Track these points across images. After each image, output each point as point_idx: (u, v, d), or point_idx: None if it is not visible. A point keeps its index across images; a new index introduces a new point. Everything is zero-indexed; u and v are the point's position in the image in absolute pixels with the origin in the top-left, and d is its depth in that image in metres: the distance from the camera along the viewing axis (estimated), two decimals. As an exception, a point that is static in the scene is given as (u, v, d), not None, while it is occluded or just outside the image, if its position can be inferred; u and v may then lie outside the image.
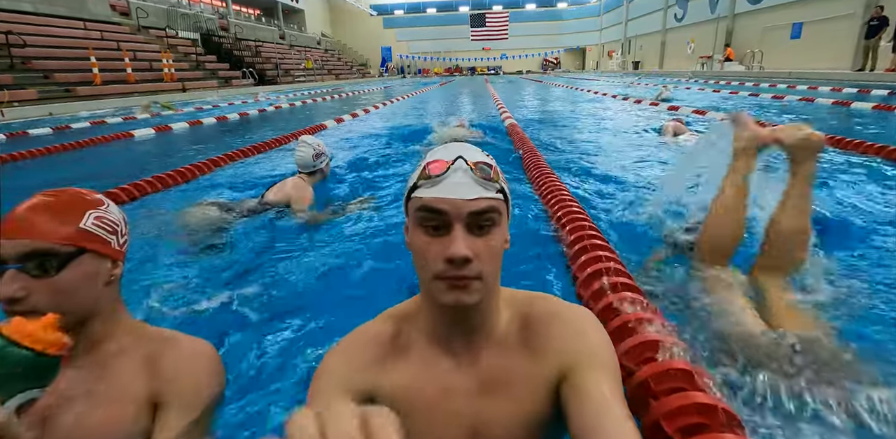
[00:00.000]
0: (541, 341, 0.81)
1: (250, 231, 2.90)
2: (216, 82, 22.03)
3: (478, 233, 0.74)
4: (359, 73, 43.87)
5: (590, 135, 6.39)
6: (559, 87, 19.53)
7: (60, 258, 0.83)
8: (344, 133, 7.73)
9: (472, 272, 0.72)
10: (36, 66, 14.30)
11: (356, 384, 0.80)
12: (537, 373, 0.79)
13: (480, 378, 0.81)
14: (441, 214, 0.73)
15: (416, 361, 0.83)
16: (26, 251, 0.80)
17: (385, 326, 0.87)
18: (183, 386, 0.92)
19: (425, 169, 0.76)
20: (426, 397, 0.80)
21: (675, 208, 2.66)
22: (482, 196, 0.73)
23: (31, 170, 5.51)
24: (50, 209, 0.84)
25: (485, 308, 0.80)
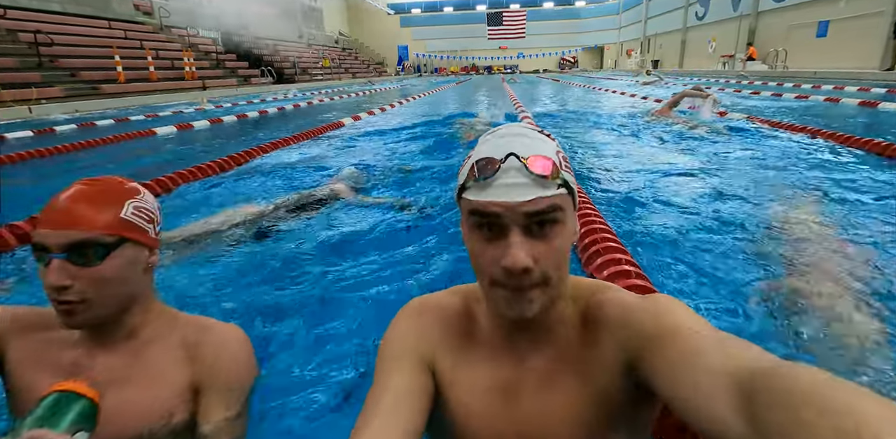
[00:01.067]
0: (602, 327, 0.73)
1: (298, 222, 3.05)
2: (235, 80, 22.33)
3: (539, 234, 0.66)
4: (375, 72, 44.05)
5: (608, 136, 6.33)
6: (577, 87, 19.39)
7: (103, 247, 0.85)
8: (360, 131, 7.79)
9: (535, 280, 0.66)
10: (63, 64, 14.67)
11: (421, 352, 0.79)
12: (602, 368, 0.72)
13: (540, 375, 0.76)
14: (496, 218, 0.65)
15: (480, 349, 0.79)
16: (71, 241, 0.82)
17: (455, 301, 0.84)
18: (222, 372, 0.95)
19: (473, 168, 0.67)
20: (485, 391, 0.76)
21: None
22: (540, 195, 0.64)
23: (57, 167, 5.67)
24: (91, 199, 0.86)
25: (551, 313, 0.74)
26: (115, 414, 0.87)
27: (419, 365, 0.77)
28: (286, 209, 3.25)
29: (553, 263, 0.67)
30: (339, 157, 5.50)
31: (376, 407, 0.70)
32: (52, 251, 0.81)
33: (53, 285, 0.81)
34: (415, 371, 0.76)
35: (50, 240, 0.81)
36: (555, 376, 0.75)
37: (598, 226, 2.39)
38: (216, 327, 1.00)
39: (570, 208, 0.69)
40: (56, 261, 0.81)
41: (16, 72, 12.88)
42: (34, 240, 0.83)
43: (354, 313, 1.89)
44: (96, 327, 0.91)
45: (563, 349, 0.76)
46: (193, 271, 2.36)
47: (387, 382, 0.74)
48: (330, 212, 3.28)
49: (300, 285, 2.20)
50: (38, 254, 0.83)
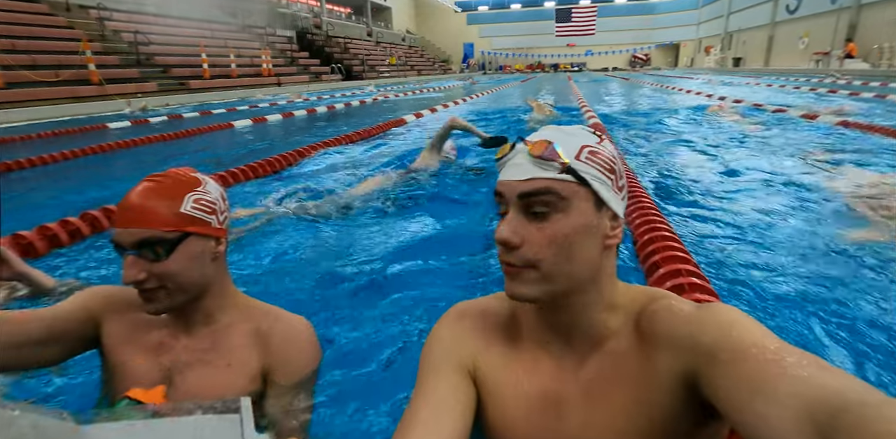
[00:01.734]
0: (657, 339, 0.68)
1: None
2: (307, 77, 23.36)
3: (533, 218, 0.67)
4: (440, 69, 44.45)
5: (682, 140, 6.00)
6: (648, 86, 18.52)
7: (168, 243, 0.89)
8: (422, 127, 7.91)
9: (520, 259, 0.66)
10: (157, 61, 16.02)
11: (462, 358, 0.78)
12: (655, 382, 0.67)
13: (585, 387, 0.73)
14: (501, 197, 0.70)
15: (523, 357, 0.77)
16: (138, 239, 0.87)
17: (500, 306, 0.83)
18: (290, 359, 1.01)
19: (498, 154, 0.75)
20: (528, 400, 0.74)
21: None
22: (536, 176, 0.67)
23: (149, 154, 6.22)
24: (154, 196, 0.90)
25: (571, 307, 0.71)
26: (194, 393, 0.95)
27: (460, 372, 0.76)
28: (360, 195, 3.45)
29: (545, 248, 0.66)
30: (399, 152, 5.63)
31: (416, 416, 0.70)
32: (125, 248, 0.88)
33: (129, 280, 0.88)
34: (456, 378, 0.76)
35: (122, 238, 0.88)
36: (603, 388, 0.71)
37: (664, 233, 2.28)
38: (285, 317, 1.06)
39: (580, 198, 0.67)
40: (130, 257, 0.88)
41: (118, 68, 14.22)
42: (112, 238, 0.90)
43: (419, 301, 1.94)
44: (177, 311, 0.97)
45: (612, 361, 0.72)
46: (266, 254, 2.52)
47: (427, 390, 0.74)
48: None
49: (368, 268, 2.28)
50: (117, 250, 0.90)
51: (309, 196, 3.51)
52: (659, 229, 2.33)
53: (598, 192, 0.68)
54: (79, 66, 12.36)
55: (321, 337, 1.09)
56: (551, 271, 0.67)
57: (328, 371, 1.35)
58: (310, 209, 3.18)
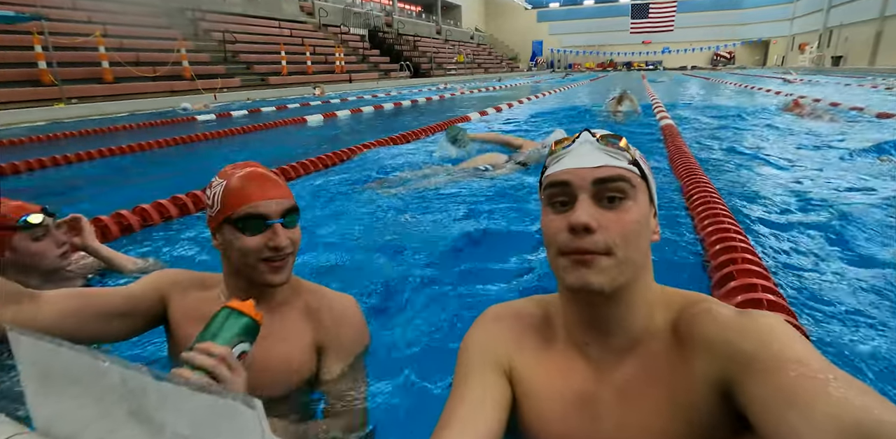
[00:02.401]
0: (694, 343, 0.67)
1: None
2: (377, 74, 24.03)
3: (607, 205, 0.68)
4: (507, 67, 44.09)
5: (760, 145, 5.53)
6: (730, 86, 17.27)
7: (298, 213, 1.03)
8: (487, 124, 7.88)
9: (598, 244, 0.65)
10: (242, 58, 17.14)
11: (498, 358, 0.79)
12: (690, 386, 0.66)
13: (620, 388, 0.72)
14: (565, 186, 0.69)
15: (557, 358, 0.77)
16: (285, 208, 0.98)
17: (533, 308, 0.84)
18: (340, 334, 1.07)
19: (552, 146, 0.76)
20: (562, 401, 0.75)
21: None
22: (609, 164, 0.69)
23: (232, 144, 6.68)
24: (277, 177, 1.02)
25: (623, 300, 0.70)
26: (259, 363, 1.00)
27: (496, 372, 0.78)
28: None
29: (621, 235, 0.66)
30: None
31: (453, 414, 0.72)
32: (271, 218, 0.96)
33: (282, 245, 0.96)
34: (492, 377, 0.77)
35: (271, 209, 0.96)
36: (638, 390, 0.71)
37: (738, 244, 2.11)
38: (333, 295, 1.13)
39: (642, 191, 0.71)
40: (278, 227, 0.96)
41: (207, 65, 15.36)
42: (251, 210, 0.94)
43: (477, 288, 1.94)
44: (240, 292, 1.03)
45: (649, 362, 0.71)
46: (323, 237, 2.62)
47: (464, 389, 0.75)
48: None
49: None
50: (254, 223, 0.95)
51: (368, 187, 3.61)
52: (732, 239, 2.17)
53: (650, 188, 0.73)
54: (174, 63, 13.48)
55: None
56: (626, 258, 0.67)
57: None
58: (371, 197, 3.27)
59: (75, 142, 6.85)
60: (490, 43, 49.92)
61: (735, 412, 0.62)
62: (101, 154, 5.50)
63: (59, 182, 4.67)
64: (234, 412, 0.42)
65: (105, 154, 5.53)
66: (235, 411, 0.42)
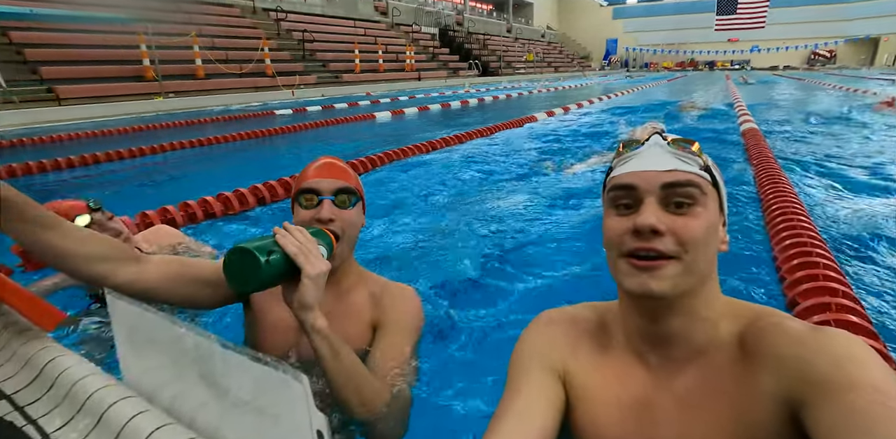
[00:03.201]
0: (763, 358, 0.64)
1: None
2: (445, 73, 24.27)
3: (675, 210, 0.65)
4: (578, 66, 42.88)
5: (857, 155, 4.97)
6: (829, 88, 15.65)
7: (355, 197, 1.12)
8: (553, 126, 7.74)
9: (664, 247, 0.63)
10: (319, 57, 17.97)
11: (551, 361, 0.79)
12: (755, 402, 0.64)
13: (680, 398, 0.70)
14: (631, 190, 0.67)
15: (614, 364, 0.76)
16: (337, 187, 1.10)
17: (589, 314, 0.83)
18: (395, 315, 1.16)
19: (619, 147, 0.73)
20: (618, 408, 0.73)
21: None
22: (679, 168, 0.66)
23: (306, 138, 7.05)
24: (343, 164, 1.16)
25: (686, 308, 0.67)
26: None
27: (549, 374, 0.77)
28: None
29: (690, 241, 0.64)
30: (529, 148, 5.58)
31: (506, 412, 0.71)
32: (322, 194, 1.08)
33: (324, 218, 1.07)
34: (545, 379, 0.76)
35: (323, 186, 1.09)
36: (699, 401, 0.68)
37: (821, 260, 1.93)
38: (393, 285, 1.23)
39: (712, 198, 0.68)
40: (326, 201, 1.08)
41: (287, 63, 16.25)
42: (307, 186, 1.09)
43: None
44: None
45: (712, 374, 0.68)
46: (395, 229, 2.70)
47: (517, 389, 0.75)
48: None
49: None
50: (308, 197, 1.08)
51: (437, 183, 3.67)
52: (813, 254, 1.99)
53: (721, 196, 0.70)
54: (258, 61, 14.40)
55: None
56: (692, 264, 0.65)
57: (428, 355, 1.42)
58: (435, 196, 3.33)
59: (171, 132, 7.53)
60: (561, 41, 48.75)
61: (797, 432, 0.59)
62: (191, 144, 6.02)
63: (153, 169, 5.17)
64: (285, 384, 0.45)
65: (195, 144, 6.04)
66: (286, 383, 0.45)
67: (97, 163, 5.09)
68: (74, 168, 4.88)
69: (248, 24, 16.76)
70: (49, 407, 0.66)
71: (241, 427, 0.53)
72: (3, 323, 0.85)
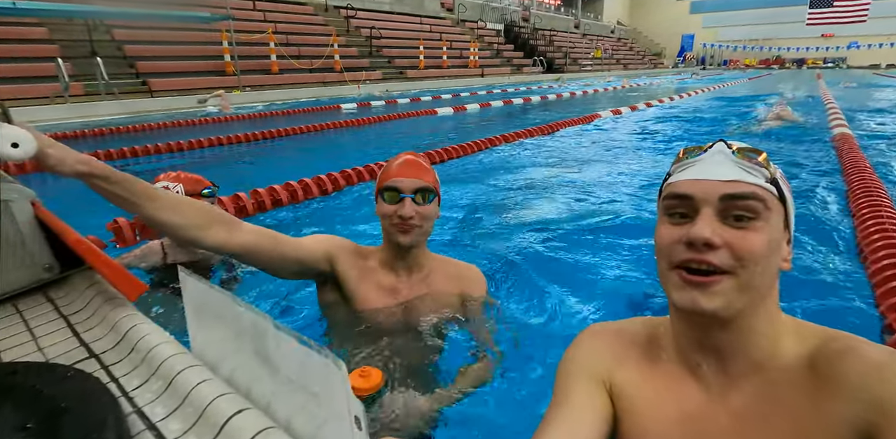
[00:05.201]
0: (837, 382, 0.61)
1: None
2: (509, 69, 24.02)
3: (734, 223, 0.62)
4: (650, 64, 40.96)
5: None
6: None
7: (433, 194, 1.24)
8: (615, 125, 7.47)
9: (719, 260, 0.61)
10: (385, 53, 18.38)
11: (598, 372, 0.78)
12: (823, 425, 0.60)
13: (735, 414, 0.67)
14: (688, 200, 0.64)
15: (663, 377, 0.74)
16: (417, 186, 1.21)
17: (638, 328, 0.82)
18: (473, 290, 1.38)
19: (680, 153, 0.71)
20: (668, 421, 0.71)
21: None
22: (742, 179, 0.63)
23: (370, 131, 7.27)
24: (424, 162, 1.28)
25: (741, 325, 0.65)
26: (414, 311, 1.32)
27: (596, 385, 0.76)
28: None
29: (746, 254, 0.61)
30: (593, 146, 5.43)
31: (553, 421, 0.71)
32: (404, 192, 1.20)
33: (405, 215, 1.20)
34: (592, 390, 0.75)
35: (405, 185, 1.21)
36: (758, 420, 0.65)
37: None
38: (463, 264, 1.44)
39: (777, 213, 0.64)
40: (408, 199, 1.21)
41: (355, 59, 16.76)
42: (391, 184, 1.21)
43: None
44: (403, 262, 1.30)
45: (774, 392, 0.65)
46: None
47: (564, 399, 0.75)
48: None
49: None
50: (391, 194, 1.21)
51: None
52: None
53: (788, 212, 0.66)
54: (327, 57, 14.95)
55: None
56: (749, 281, 0.62)
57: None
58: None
59: (245, 124, 8.03)
60: (632, 37, 46.70)
61: None
62: (263, 136, 6.40)
63: (226, 158, 5.53)
64: (326, 368, 0.47)
65: (266, 136, 6.42)
66: (327, 368, 0.47)
67: (181, 150, 5.55)
68: (161, 154, 5.35)
69: (319, 22, 17.43)
70: (129, 368, 0.73)
71: (289, 403, 0.57)
72: (97, 290, 0.96)
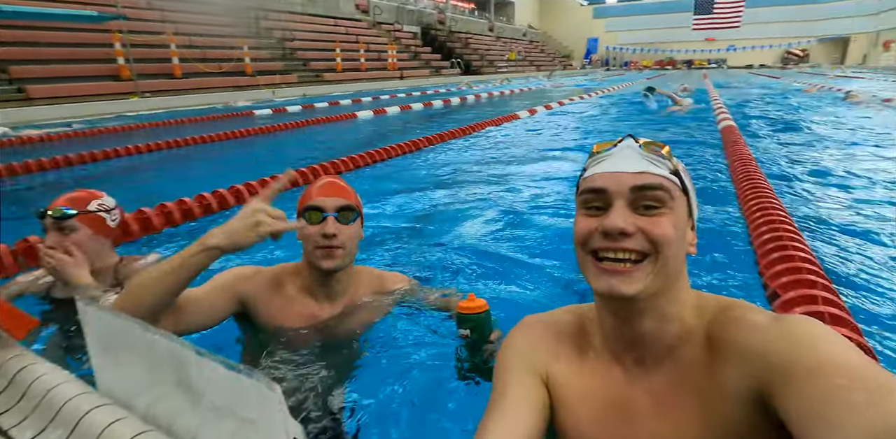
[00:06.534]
0: (726, 350, 0.65)
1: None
2: (428, 71, 24.23)
3: (644, 212, 0.67)
4: (560, 65, 43.19)
5: (827, 148, 5.11)
6: (801, 86, 16.05)
7: (355, 214, 1.25)
8: (532, 124, 7.79)
9: (636, 245, 0.65)
10: (299, 55, 17.77)
11: (534, 364, 0.81)
12: (724, 396, 0.65)
13: (655, 396, 0.72)
14: (602, 193, 0.69)
15: (592, 366, 0.78)
16: (340, 205, 1.22)
17: (568, 318, 0.85)
18: (397, 295, 1.43)
19: (594, 149, 0.76)
20: (597, 408, 0.75)
21: None
22: (649, 171, 0.68)
23: (285, 138, 6.96)
24: (343, 184, 1.28)
25: (656, 310, 0.69)
26: (339, 329, 1.30)
27: (533, 377, 0.79)
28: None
29: (659, 238, 0.66)
30: (514, 145, 5.61)
31: (493, 415, 0.73)
32: (326, 211, 1.20)
33: (328, 233, 1.18)
34: (529, 381, 0.78)
35: (327, 204, 1.20)
36: (672, 399, 0.70)
37: (798, 253, 2.00)
38: (388, 275, 1.45)
39: (681, 203, 0.70)
40: (330, 218, 1.20)
41: (267, 62, 16.04)
42: (312, 204, 1.19)
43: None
44: (324, 282, 1.27)
45: (683, 370, 0.70)
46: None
47: (503, 392, 0.77)
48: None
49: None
50: (313, 214, 1.19)
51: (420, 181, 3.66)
52: (792, 248, 2.05)
53: (690, 201, 0.73)
54: (237, 60, 14.17)
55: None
56: (664, 265, 0.67)
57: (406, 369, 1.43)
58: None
59: (145, 133, 7.37)
60: (543, 40, 49.02)
61: (773, 421, 0.60)
62: (167, 145, 5.89)
63: (126, 170, 5.05)
64: (259, 392, 0.45)
65: (171, 145, 5.92)
66: (260, 391, 0.45)
67: (69, 165, 4.95)
68: (46, 171, 4.74)
69: (226, 23, 16.48)
70: (19, 417, 0.65)
71: (219, 433, 0.53)
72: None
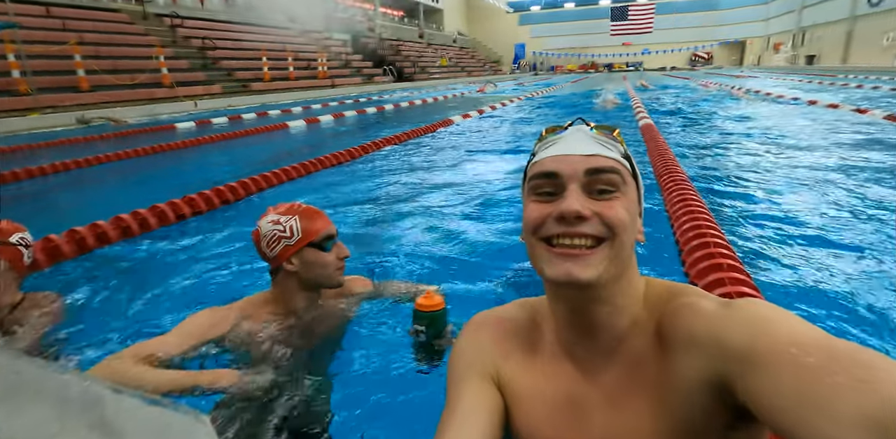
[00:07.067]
0: (676, 340, 0.63)
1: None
2: (360, 79, 23.97)
3: (598, 196, 0.65)
4: (491, 70, 44.32)
5: (747, 145, 5.65)
6: (707, 85, 17.59)
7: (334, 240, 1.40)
8: (468, 128, 7.92)
9: (592, 229, 0.63)
10: (222, 65, 16.97)
11: (484, 366, 0.78)
12: (676, 387, 0.63)
13: (607, 390, 0.70)
14: (554, 177, 0.66)
15: (544, 362, 0.76)
16: (336, 229, 1.39)
17: (519, 313, 0.83)
18: (358, 287, 1.64)
19: (543, 132, 0.74)
20: (548, 404, 0.73)
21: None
22: (602, 154, 0.66)
23: (213, 152, 6.60)
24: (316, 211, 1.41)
25: (609, 298, 0.67)
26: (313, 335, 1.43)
27: (484, 380, 0.77)
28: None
29: (615, 221, 0.64)
30: (452, 149, 5.67)
31: (447, 423, 0.71)
32: (335, 237, 1.39)
33: (348, 255, 1.41)
34: (480, 386, 0.76)
35: (333, 230, 1.38)
36: (625, 391, 0.68)
37: (709, 231, 2.26)
38: (348, 279, 1.52)
39: (631, 188, 0.69)
40: (339, 242, 1.40)
41: (187, 72, 15.18)
42: (327, 233, 1.35)
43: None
44: (313, 301, 1.42)
45: (635, 361, 0.68)
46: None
47: (455, 401, 0.75)
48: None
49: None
50: (330, 242, 1.36)
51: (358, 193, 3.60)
52: (703, 227, 2.31)
53: (639, 187, 0.71)
54: (153, 70, 13.30)
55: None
56: (619, 250, 0.65)
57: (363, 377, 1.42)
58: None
59: (50, 153, 6.71)
60: (473, 46, 50.13)
61: (730, 407, 0.58)
62: (77, 164, 5.38)
63: (35, 193, 4.58)
64: (187, 426, 0.42)
65: (82, 164, 5.42)
66: (189, 425, 0.42)
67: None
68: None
69: (138, 32, 15.44)
70: None
71: (143, 475, 0.49)
72: None
